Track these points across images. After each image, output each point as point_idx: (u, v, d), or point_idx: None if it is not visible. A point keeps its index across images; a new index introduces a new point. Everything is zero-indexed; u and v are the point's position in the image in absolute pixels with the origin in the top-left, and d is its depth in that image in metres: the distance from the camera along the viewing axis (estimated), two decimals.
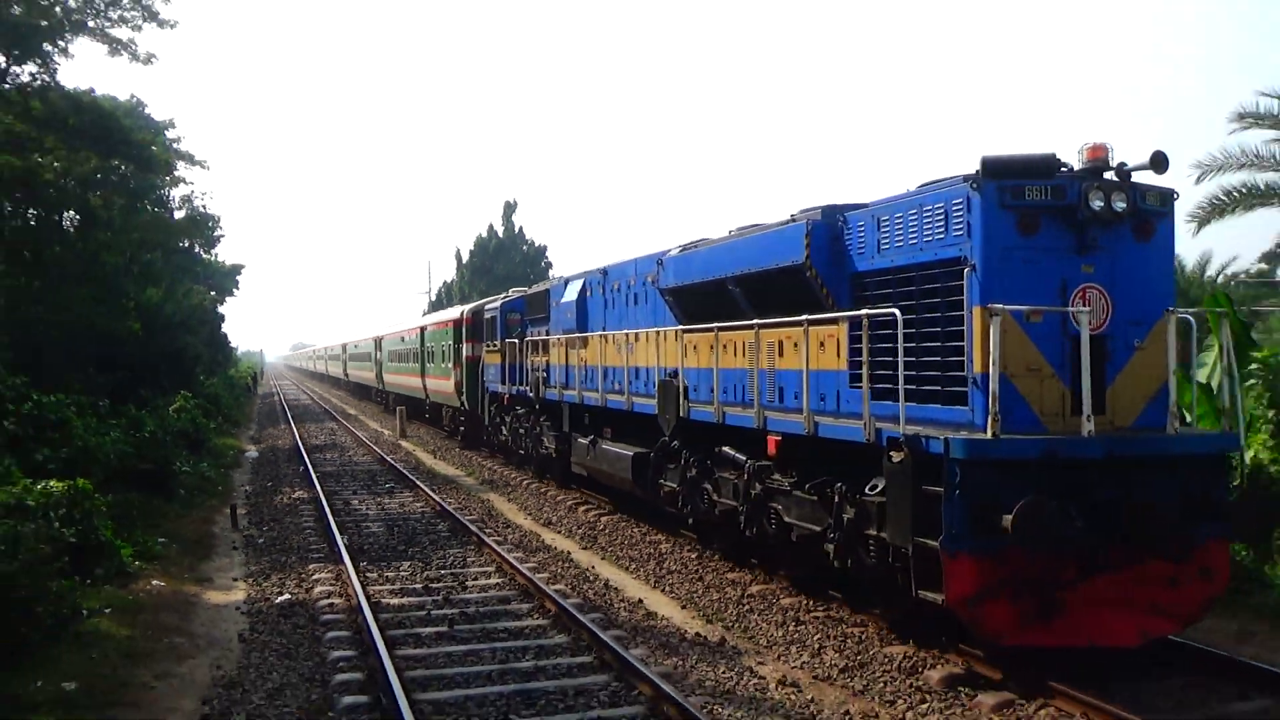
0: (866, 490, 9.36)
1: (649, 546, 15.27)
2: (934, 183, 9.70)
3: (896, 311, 8.90)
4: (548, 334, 21.07)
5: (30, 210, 32.32)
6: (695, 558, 14.30)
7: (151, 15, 29.59)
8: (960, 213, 8.90)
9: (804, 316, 10.41)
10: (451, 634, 10.72)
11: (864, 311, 9.45)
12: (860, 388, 9.57)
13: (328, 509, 18.46)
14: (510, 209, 70.52)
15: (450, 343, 31.69)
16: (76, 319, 29.01)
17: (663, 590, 12.75)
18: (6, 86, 28.73)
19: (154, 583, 12.84)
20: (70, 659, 9.32)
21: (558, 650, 10.12)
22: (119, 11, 29.43)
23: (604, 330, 17.54)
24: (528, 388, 21.51)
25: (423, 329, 38.00)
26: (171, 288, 44.35)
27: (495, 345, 25.36)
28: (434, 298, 75.28)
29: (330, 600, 12.25)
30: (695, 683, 9.09)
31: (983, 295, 8.54)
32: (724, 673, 9.38)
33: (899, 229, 9.74)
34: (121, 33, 29.69)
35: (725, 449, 12.55)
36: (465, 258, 70.96)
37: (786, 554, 11.94)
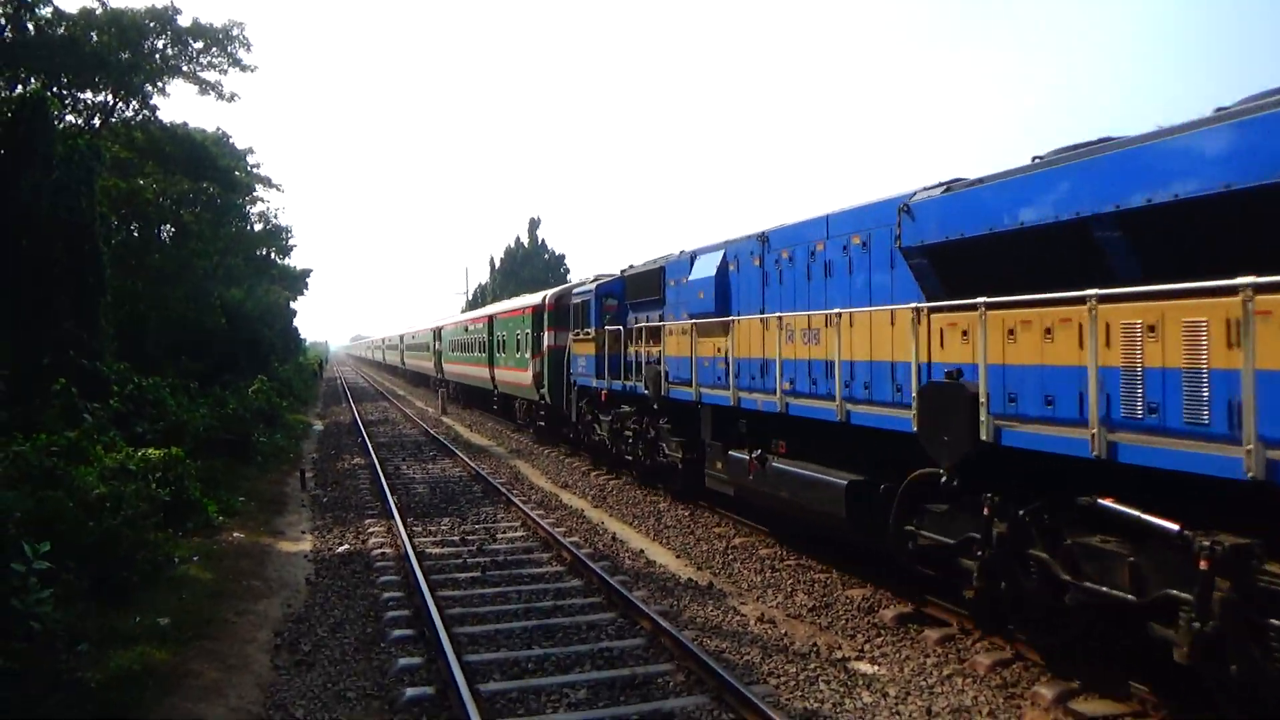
0: None
1: (649, 505, 15.17)
2: None
3: None
4: (662, 319, 15.57)
5: (134, 224, 32.35)
6: (688, 515, 14.20)
7: (235, 61, 29.68)
8: None
9: None
10: (484, 578, 10.63)
11: None
12: None
13: (381, 473, 18.36)
14: (535, 224, 70.73)
15: (528, 331, 25.33)
16: (171, 314, 29.09)
17: (661, 542, 12.66)
18: (114, 120, 28.71)
19: (235, 535, 12.76)
20: (164, 599, 9.24)
21: (573, 592, 10.03)
22: (208, 58, 29.46)
23: (763, 312, 11.80)
24: (640, 383, 15.54)
25: (491, 317, 31.95)
26: (251, 289, 44.34)
27: (587, 333, 19.14)
28: (470, 298, 75.20)
29: (383, 550, 12.16)
30: (688, 619, 9.01)
31: None
32: (712, 611, 9.30)
33: None
34: (210, 75, 29.74)
35: (1103, 501, 6.38)
36: (497, 264, 71.00)
37: None
